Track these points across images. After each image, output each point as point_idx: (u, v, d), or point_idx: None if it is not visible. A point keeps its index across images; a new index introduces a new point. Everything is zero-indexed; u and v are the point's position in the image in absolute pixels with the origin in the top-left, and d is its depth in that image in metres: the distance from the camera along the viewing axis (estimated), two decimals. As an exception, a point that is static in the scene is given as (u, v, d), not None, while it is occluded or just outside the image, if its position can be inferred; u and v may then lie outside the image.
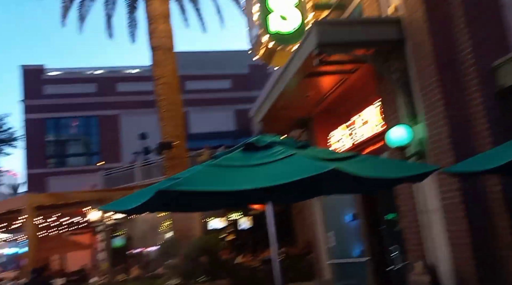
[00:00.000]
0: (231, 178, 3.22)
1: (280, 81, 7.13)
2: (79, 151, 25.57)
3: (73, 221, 19.20)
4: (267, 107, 8.02)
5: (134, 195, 3.94)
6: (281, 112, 8.04)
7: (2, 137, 23.41)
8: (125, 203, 3.73)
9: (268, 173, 3.06)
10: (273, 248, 3.68)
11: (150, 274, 14.18)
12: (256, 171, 3.15)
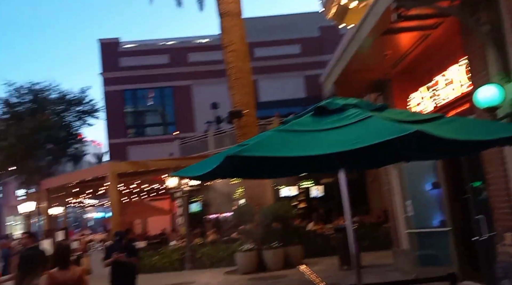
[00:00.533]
0: (301, 143, 3.04)
1: (353, 41, 6.67)
2: (156, 121, 26.77)
3: (152, 187, 20.40)
4: (339, 71, 7.61)
5: (206, 161, 3.92)
6: (355, 75, 7.59)
7: (85, 109, 25.07)
8: (197, 169, 3.72)
9: (342, 138, 2.82)
10: (347, 217, 3.48)
11: (225, 239, 14.73)
12: (328, 135, 2.92)
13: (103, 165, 23.73)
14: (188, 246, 13.39)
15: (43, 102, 23.23)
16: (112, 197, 14.98)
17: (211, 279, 11.03)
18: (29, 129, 21.37)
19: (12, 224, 37.56)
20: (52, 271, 3.76)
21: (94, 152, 51.84)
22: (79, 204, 27.31)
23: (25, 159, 22.36)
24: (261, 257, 11.68)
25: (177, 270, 13.04)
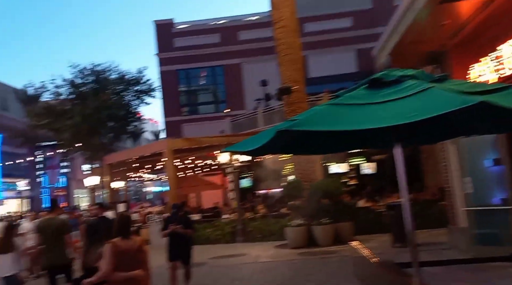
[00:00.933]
0: (355, 117, 2.97)
1: (409, 11, 6.37)
2: (208, 100, 27.28)
3: (205, 163, 20.97)
4: (393, 43, 7.32)
5: (257, 136, 3.97)
6: (410, 47, 7.27)
7: (142, 89, 25.99)
8: (248, 144, 3.77)
9: (398, 110, 2.72)
10: (403, 194, 3.40)
11: (275, 213, 14.96)
12: (383, 108, 2.83)
13: (160, 142, 24.68)
14: (239, 220, 13.74)
15: (104, 83, 24.39)
16: (169, 172, 15.62)
17: (262, 252, 11.29)
18: (93, 108, 22.61)
19: (79, 196, 40.33)
20: (115, 240, 3.97)
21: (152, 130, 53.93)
22: (139, 178, 28.72)
23: (90, 136, 23.77)
24: (311, 233, 11.76)
25: (229, 243, 13.46)
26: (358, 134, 3.84)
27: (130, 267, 3.97)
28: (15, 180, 32.98)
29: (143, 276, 4.03)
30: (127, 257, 3.96)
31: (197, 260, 10.09)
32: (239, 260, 10.41)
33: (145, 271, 4.08)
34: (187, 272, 7.31)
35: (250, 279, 8.11)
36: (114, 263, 3.88)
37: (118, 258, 3.91)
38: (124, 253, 3.95)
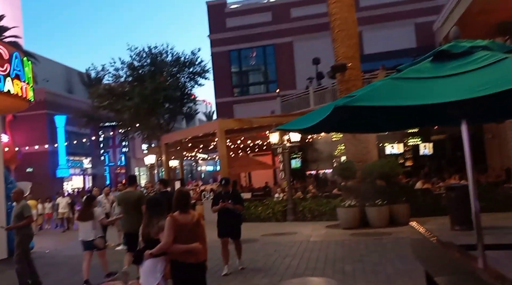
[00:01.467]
0: (418, 91, 2.81)
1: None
2: (259, 80, 27.28)
3: (256, 143, 21.16)
4: (458, 14, 6.86)
5: (311, 114, 3.89)
6: (478, 18, 6.78)
7: (195, 70, 26.42)
8: (303, 122, 3.72)
9: (468, 84, 2.53)
10: (469, 175, 3.20)
11: (326, 194, 14.84)
12: (451, 82, 2.65)
13: (212, 123, 25.14)
14: (290, 199, 13.78)
15: (160, 65, 25.10)
16: (221, 151, 15.91)
17: (313, 231, 11.28)
18: (150, 90, 23.41)
19: (138, 174, 42.37)
20: (174, 213, 4.15)
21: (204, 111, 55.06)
22: (193, 157, 29.59)
23: (148, 117, 24.71)
24: (364, 214, 11.56)
25: (280, 221, 13.57)
26: (419, 110, 3.67)
27: (188, 240, 4.11)
28: (79, 158, 35.10)
29: (201, 249, 4.16)
30: (185, 230, 4.11)
31: (249, 236, 10.32)
32: (290, 238, 10.48)
33: (202, 244, 4.22)
34: (238, 247, 7.38)
35: (301, 256, 8.16)
36: (173, 235, 4.04)
37: (177, 231, 4.06)
38: (183, 226, 4.10)
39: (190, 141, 19.61)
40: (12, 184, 11.82)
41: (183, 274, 3.99)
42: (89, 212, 7.26)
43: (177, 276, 4.00)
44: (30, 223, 7.54)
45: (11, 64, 9.40)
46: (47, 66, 32.83)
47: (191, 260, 4.04)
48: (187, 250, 4.05)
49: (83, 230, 7.31)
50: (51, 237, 15.09)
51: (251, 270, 7.24)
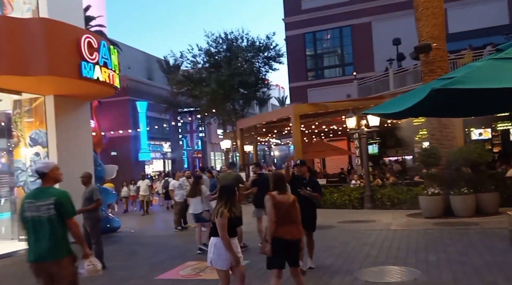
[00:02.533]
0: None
1: None
2: (334, 63, 26.68)
3: (330, 128, 20.82)
4: None
5: (400, 98, 3.76)
6: None
7: (270, 55, 26.46)
8: (392, 106, 3.60)
9: None
10: None
11: (406, 181, 14.26)
12: None
13: (287, 107, 25.18)
14: (367, 186, 13.44)
15: (236, 50, 25.50)
16: (295, 136, 15.90)
17: (393, 219, 10.94)
18: (226, 76, 23.92)
19: (213, 158, 43.96)
20: (273, 193, 4.50)
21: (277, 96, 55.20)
22: (266, 142, 29.95)
23: (223, 102, 25.35)
24: (448, 202, 10.96)
25: (356, 209, 13.32)
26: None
27: (285, 218, 4.42)
28: (159, 143, 37.10)
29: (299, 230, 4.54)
30: (283, 210, 4.42)
31: (325, 223, 10.28)
32: (369, 226, 10.27)
33: (297, 224, 4.52)
34: (310, 243, 6.51)
35: (381, 245, 7.96)
36: (276, 214, 4.37)
37: (276, 209, 4.39)
38: (281, 204, 4.42)
39: (264, 126, 19.83)
40: (101, 167, 12.82)
41: (280, 248, 4.35)
42: (198, 189, 8.50)
43: (275, 250, 4.35)
44: (100, 206, 7.66)
45: (100, 53, 10.03)
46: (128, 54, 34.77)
47: (288, 237, 4.39)
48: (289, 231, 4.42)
49: (193, 205, 8.62)
50: (135, 219, 16.02)
51: (328, 257, 7.22)
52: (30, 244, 3.92)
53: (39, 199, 3.97)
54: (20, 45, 8.48)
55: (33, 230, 3.90)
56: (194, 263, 7.49)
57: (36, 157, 10.70)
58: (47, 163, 4.23)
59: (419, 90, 3.14)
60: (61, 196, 3.99)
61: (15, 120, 10.93)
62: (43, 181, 4.12)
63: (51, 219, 3.86)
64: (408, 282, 5.54)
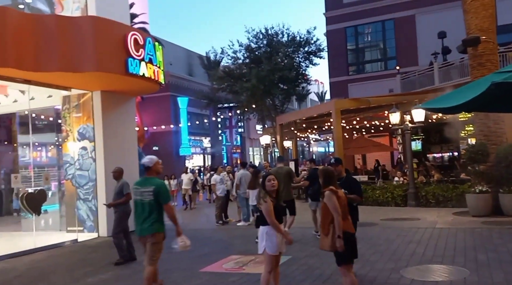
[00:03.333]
0: None
1: None
2: (376, 57, 26.07)
3: (372, 124, 20.38)
4: None
5: (455, 92, 3.62)
6: None
7: (310, 50, 26.20)
8: (447, 100, 3.48)
9: None
10: None
11: (452, 179, 13.76)
12: None
13: (328, 103, 24.86)
14: (411, 183, 13.08)
15: (276, 46, 25.45)
16: (335, 132, 15.68)
17: (438, 217, 10.59)
18: (266, 71, 23.91)
19: (252, 154, 44.22)
20: (333, 187, 4.47)
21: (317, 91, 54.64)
22: (305, 138, 29.74)
23: (263, 98, 25.38)
24: (497, 201, 10.51)
25: (399, 206, 13.00)
26: None
27: (345, 213, 4.43)
28: (200, 138, 37.74)
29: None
30: (343, 204, 4.43)
31: (367, 220, 10.10)
32: (413, 223, 9.99)
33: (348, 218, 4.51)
34: None
35: (427, 243, 7.73)
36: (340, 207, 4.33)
37: (339, 204, 4.35)
38: (341, 199, 4.44)
39: (304, 121, 19.70)
40: (145, 161, 13.18)
41: (348, 242, 4.37)
42: (257, 182, 8.93)
43: (345, 244, 4.32)
44: (129, 200, 7.65)
45: (145, 49, 10.28)
46: (170, 50, 35.43)
47: (352, 231, 4.54)
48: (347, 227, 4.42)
49: (252, 197, 9.35)
50: (177, 212, 16.18)
51: (373, 254, 7.09)
52: (137, 222, 5.02)
53: (143, 186, 5.01)
54: (70, 42, 8.83)
55: (138, 211, 4.99)
56: (237, 257, 7.56)
57: (84, 151, 11.16)
58: (151, 159, 5.14)
59: (477, 84, 3.02)
60: (160, 185, 5.01)
61: (64, 115, 11.42)
62: (147, 173, 5.07)
63: (150, 203, 4.92)
64: (457, 282, 5.36)
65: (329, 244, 4.32)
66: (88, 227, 10.94)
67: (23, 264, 7.98)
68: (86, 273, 7.03)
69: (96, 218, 10.89)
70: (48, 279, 6.85)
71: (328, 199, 4.32)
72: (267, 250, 4.70)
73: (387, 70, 24.01)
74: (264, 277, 4.76)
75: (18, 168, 12.27)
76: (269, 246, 4.69)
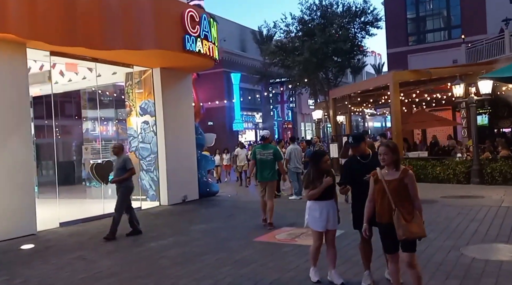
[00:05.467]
0: None
1: None
2: (439, 26, 24.56)
3: (433, 97, 19.43)
4: None
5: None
6: None
7: (367, 20, 25.10)
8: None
9: None
10: None
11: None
12: None
13: (385, 75, 24.00)
14: (475, 160, 12.44)
15: (330, 17, 24.64)
16: (393, 106, 15.15)
17: (505, 196, 10.04)
18: (319, 44, 23.29)
19: (303, 129, 43.91)
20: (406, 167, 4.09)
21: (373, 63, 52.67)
22: (360, 113, 29.00)
23: (316, 72, 24.87)
24: None
25: (462, 183, 12.46)
26: None
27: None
28: (252, 113, 37.97)
29: None
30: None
31: (427, 197, 9.79)
32: (476, 201, 9.56)
33: None
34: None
35: (491, 222, 7.39)
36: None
37: None
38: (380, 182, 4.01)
39: (358, 95, 19.17)
40: (202, 135, 13.56)
41: None
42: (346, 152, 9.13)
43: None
44: (132, 175, 7.70)
45: (201, 26, 10.45)
46: (223, 26, 35.40)
47: None
48: None
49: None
50: (231, 186, 16.19)
51: (431, 231, 6.88)
52: (259, 171, 8.05)
53: (265, 149, 8.15)
54: (133, 21, 9.15)
55: (262, 165, 8.02)
56: (289, 229, 7.70)
57: (145, 125, 11.71)
58: (267, 132, 8.72)
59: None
60: (276, 149, 8.41)
61: (127, 91, 11.98)
62: (264, 142, 8.41)
63: (270, 160, 8.02)
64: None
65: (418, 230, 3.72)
66: (150, 196, 11.60)
67: (94, 228, 8.64)
68: (149, 239, 7.50)
69: (157, 188, 11.51)
70: (116, 242, 7.39)
71: (413, 181, 3.82)
72: (309, 225, 4.72)
73: (451, 40, 22.63)
74: (311, 252, 4.78)
75: (86, 141, 13.08)
76: (311, 221, 4.69)
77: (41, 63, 10.08)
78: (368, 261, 4.64)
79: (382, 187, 3.83)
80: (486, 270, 4.86)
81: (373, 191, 3.98)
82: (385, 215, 3.83)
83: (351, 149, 5.05)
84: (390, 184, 3.79)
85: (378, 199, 3.91)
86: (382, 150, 3.93)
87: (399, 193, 3.76)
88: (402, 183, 3.77)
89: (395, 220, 3.70)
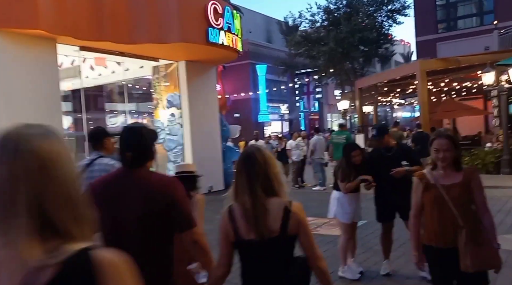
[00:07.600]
0: None
1: None
2: (470, 12, 23.77)
3: (463, 86, 18.88)
4: None
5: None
6: None
7: (394, 8, 24.53)
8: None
9: None
10: None
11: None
12: None
13: (412, 64, 23.43)
14: (506, 149, 12.09)
15: (356, 5, 24.23)
16: (421, 95, 14.86)
17: (537, 187, 9.76)
18: (345, 33, 22.97)
19: (330, 120, 43.53)
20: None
21: (401, 52, 51.43)
22: (388, 103, 28.48)
23: (342, 62, 24.57)
24: None
25: (491, 174, 12.15)
26: None
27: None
28: (277, 105, 37.90)
29: None
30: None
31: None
32: (504, 192, 9.34)
33: None
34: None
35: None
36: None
37: None
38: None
39: (385, 85, 18.84)
40: (226, 127, 13.73)
41: None
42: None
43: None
44: None
45: (224, 18, 10.52)
46: (249, 17, 35.43)
47: None
48: None
49: None
50: None
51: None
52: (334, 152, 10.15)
53: (339, 135, 10.55)
54: (158, 15, 9.33)
55: (336, 147, 10.00)
56: (311, 218, 7.73)
57: (172, 118, 11.95)
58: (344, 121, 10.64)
59: None
60: (348, 134, 10.55)
61: (154, 84, 12.23)
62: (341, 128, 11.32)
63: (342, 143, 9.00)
64: (553, 254, 5.01)
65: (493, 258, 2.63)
66: (183, 186, 11.84)
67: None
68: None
69: (184, 179, 11.71)
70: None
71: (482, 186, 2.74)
72: (338, 217, 4.74)
73: (482, 26, 21.85)
74: (341, 245, 4.78)
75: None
76: (340, 212, 4.70)
77: (73, 58, 10.44)
78: (388, 251, 4.73)
79: (437, 195, 2.67)
80: (508, 261, 4.79)
81: (421, 202, 2.78)
82: (446, 236, 2.65)
83: (375, 141, 4.86)
84: (450, 190, 2.66)
85: (431, 212, 2.73)
86: (441, 144, 2.65)
87: (463, 204, 2.66)
88: (467, 188, 2.67)
89: (462, 244, 2.56)
